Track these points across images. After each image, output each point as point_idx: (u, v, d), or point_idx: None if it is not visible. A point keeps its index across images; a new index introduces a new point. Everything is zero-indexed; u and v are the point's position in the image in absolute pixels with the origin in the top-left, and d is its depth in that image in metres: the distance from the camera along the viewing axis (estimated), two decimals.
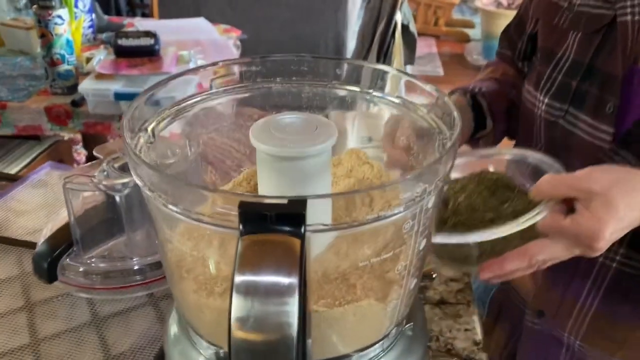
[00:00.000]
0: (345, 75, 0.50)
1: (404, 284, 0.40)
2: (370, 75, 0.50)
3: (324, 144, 0.40)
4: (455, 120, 0.39)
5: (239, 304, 0.30)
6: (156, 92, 0.45)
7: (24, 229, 0.79)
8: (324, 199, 0.38)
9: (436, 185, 0.36)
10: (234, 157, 0.58)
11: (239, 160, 0.58)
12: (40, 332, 0.63)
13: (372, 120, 0.78)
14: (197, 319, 0.42)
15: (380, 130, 1.01)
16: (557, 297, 0.71)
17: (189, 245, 0.38)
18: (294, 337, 0.29)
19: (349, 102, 0.52)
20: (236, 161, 0.58)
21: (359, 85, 0.50)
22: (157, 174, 0.34)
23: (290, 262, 0.30)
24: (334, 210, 0.40)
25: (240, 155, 0.58)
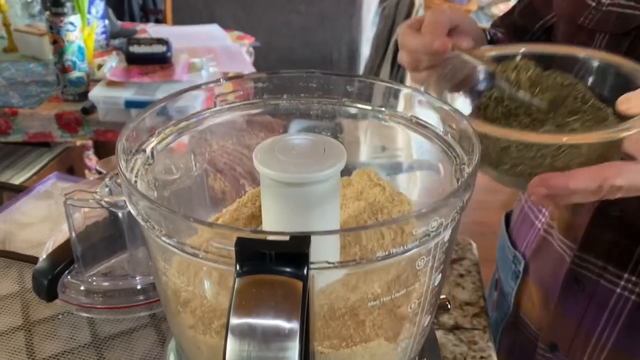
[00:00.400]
0: (356, 93, 0.47)
1: (417, 322, 0.37)
2: (382, 93, 0.47)
3: (332, 169, 0.37)
4: (474, 146, 0.36)
5: (234, 348, 0.27)
6: (156, 110, 0.43)
7: (27, 243, 0.77)
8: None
9: (453, 218, 0.33)
10: (245, 164, 0.56)
11: (250, 167, 0.56)
12: (39, 353, 0.61)
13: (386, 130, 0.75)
14: (193, 354, 0.39)
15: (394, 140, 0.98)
16: (570, 329, 0.68)
17: (183, 279, 0.35)
18: None
19: (360, 119, 0.49)
20: (247, 168, 0.56)
21: (370, 104, 0.48)
22: (150, 204, 0.32)
23: (291, 306, 0.27)
24: (342, 236, 0.37)
25: (250, 163, 0.56)
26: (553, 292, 0.71)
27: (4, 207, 0.84)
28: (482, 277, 0.77)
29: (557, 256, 0.70)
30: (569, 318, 0.67)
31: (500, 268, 0.86)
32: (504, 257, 0.83)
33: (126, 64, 1.54)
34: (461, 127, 0.40)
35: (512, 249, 0.80)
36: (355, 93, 0.48)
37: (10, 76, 1.62)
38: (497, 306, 0.86)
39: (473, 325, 0.69)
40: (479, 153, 0.36)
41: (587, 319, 0.65)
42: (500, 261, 0.85)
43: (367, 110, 0.47)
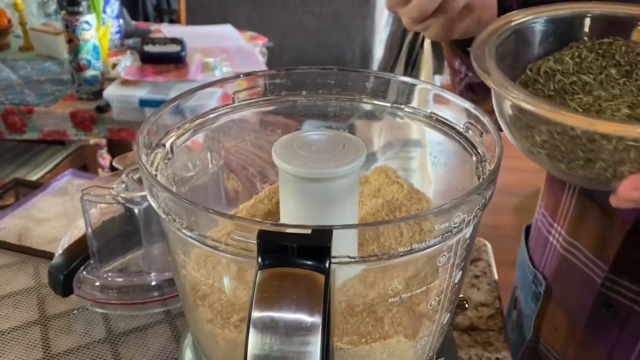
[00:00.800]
0: (373, 89, 0.47)
1: (437, 320, 0.37)
2: (400, 89, 0.47)
3: (351, 165, 0.37)
4: (496, 142, 0.36)
5: (256, 341, 0.27)
6: (177, 104, 0.43)
7: (43, 238, 0.78)
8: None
9: (475, 214, 0.32)
10: (257, 164, 0.56)
11: (262, 167, 0.56)
12: (54, 347, 0.61)
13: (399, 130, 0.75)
14: (210, 348, 0.39)
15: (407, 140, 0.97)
16: (601, 358, 0.61)
17: (203, 272, 0.35)
18: None
19: (378, 116, 0.49)
20: (259, 168, 0.56)
21: (388, 100, 0.47)
22: (172, 197, 0.32)
23: (313, 300, 0.27)
24: (360, 233, 0.37)
25: (263, 163, 0.56)
26: (579, 318, 0.64)
27: (20, 203, 0.85)
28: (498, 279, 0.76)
29: (584, 278, 0.62)
30: (598, 348, 0.61)
31: (519, 286, 0.79)
32: (523, 275, 0.76)
33: (140, 63, 1.55)
34: (482, 123, 0.39)
35: (532, 267, 0.73)
36: (372, 90, 0.48)
37: (26, 74, 1.64)
38: (517, 326, 0.79)
39: (488, 327, 0.68)
40: (501, 149, 0.35)
41: (618, 349, 0.59)
42: (520, 279, 0.78)
43: (385, 107, 0.47)
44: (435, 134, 0.45)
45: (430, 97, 0.44)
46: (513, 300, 0.82)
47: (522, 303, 0.76)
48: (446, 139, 0.44)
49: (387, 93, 0.46)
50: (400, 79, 0.46)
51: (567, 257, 0.65)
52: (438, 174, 0.54)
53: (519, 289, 0.79)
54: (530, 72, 0.44)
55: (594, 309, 0.61)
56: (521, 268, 0.78)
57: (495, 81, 0.37)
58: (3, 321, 0.64)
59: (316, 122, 0.50)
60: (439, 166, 0.51)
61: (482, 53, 0.40)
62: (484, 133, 0.39)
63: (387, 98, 0.46)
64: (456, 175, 0.46)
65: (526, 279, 0.75)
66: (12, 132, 1.48)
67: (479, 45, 0.41)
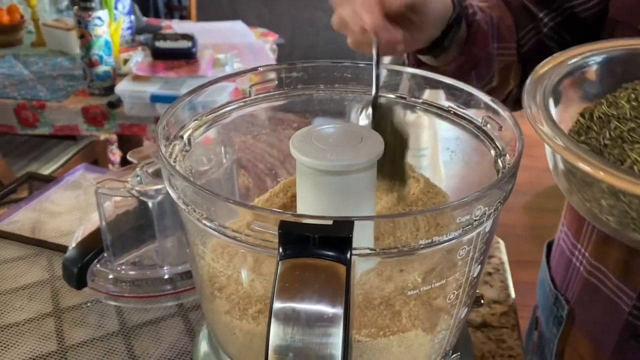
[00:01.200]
0: (391, 83, 0.47)
1: (455, 314, 0.37)
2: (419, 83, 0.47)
3: (370, 158, 0.37)
4: (517, 136, 0.36)
5: (278, 332, 0.27)
6: (193, 98, 0.43)
7: (57, 231, 0.78)
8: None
9: (496, 207, 0.32)
10: (267, 161, 0.56)
11: (272, 164, 0.56)
12: (68, 339, 0.61)
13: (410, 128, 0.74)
14: (227, 340, 0.39)
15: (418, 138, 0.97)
16: None
17: (222, 262, 0.35)
18: None
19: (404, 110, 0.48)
20: (269, 165, 0.56)
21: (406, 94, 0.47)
22: (192, 187, 0.32)
23: (334, 291, 0.27)
24: (376, 226, 0.37)
25: (273, 160, 0.56)
26: (605, 347, 0.61)
27: (33, 197, 0.85)
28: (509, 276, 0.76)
29: (610, 304, 0.59)
30: None
31: (540, 307, 0.74)
32: (544, 296, 0.72)
33: (152, 59, 1.55)
34: (501, 117, 0.39)
35: (553, 288, 0.69)
36: (390, 84, 0.47)
37: (38, 70, 1.65)
38: (538, 349, 0.75)
39: (501, 324, 0.68)
40: (521, 143, 0.35)
41: None
42: (541, 300, 0.74)
43: (402, 101, 0.47)
44: (452, 128, 0.45)
45: (450, 91, 0.44)
46: (534, 321, 0.78)
47: (544, 325, 0.73)
48: (463, 133, 0.43)
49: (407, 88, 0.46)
50: (417, 73, 0.46)
51: (592, 281, 0.61)
52: (453, 168, 0.54)
53: (540, 310, 0.75)
54: (583, 118, 0.41)
55: (622, 338, 0.58)
56: (542, 288, 0.74)
57: (548, 135, 0.34)
58: (18, 313, 0.64)
59: (325, 119, 0.50)
60: (454, 160, 0.51)
61: (533, 97, 0.37)
62: (503, 127, 0.39)
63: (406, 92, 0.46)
64: (473, 170, 0.46)
65: (547, 300, 0.71)
66: (24, 127, 1.49)
67: (529, 88, 0.38)
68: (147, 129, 1.47)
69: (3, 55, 1.73)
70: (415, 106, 0.47)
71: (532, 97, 0.37)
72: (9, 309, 0.65)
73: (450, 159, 0.51)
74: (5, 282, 0.69)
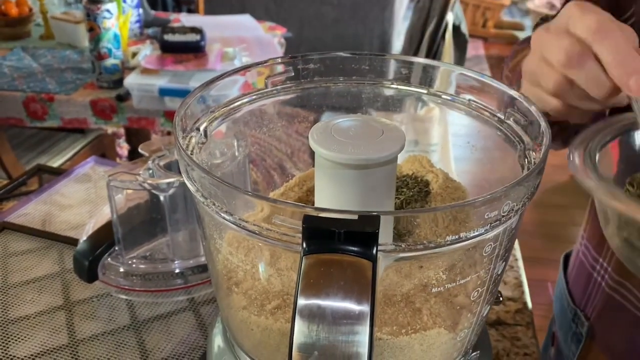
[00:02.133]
0: (414, 76, 0.46)
1: (477, 312, 0.36)
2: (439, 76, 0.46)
3: (392, 151, 0.36)
4: (544, 130, 0.35)
5: (302, 330, 0.26)
6: (208, 90, 0.42)
7: (67, 224, 0.78)
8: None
9: (524, 203, 0.31)
10: (275, 155, 0.55)
11: (280, 159, 0.55)
12: (79, 332, 0.61)
13: (419, 123, 0.73)
14: (243, 335, 0.39)
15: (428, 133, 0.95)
16: None
17: (239, 257, 0.34)
18: None
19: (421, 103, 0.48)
20: (276, 159, 0.55)
21: (426, 87, 0.46)
22: (212, 179, 0.31)
23: (361, 288, 0.26)
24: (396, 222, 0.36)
25: (281, 155, 0.55)
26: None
27: (43, 189, 0.85)
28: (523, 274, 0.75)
29: (634, 322, 0.56)
30: None
31: (557, 323, 0.71)
32: (562, 311, 0.69)
33: (160, 52, 1.55)
34: (526, 110, 0.38)
35: (572, 304, 0.66)
36: (409, 76, 0.46)
37: (46, 63, 1.64)
38: None
39: (516, 321, 0.67)
40: (549, 136, 0.34)
41: None
42: (558, 315, 0.71)
43: (422, 94, 0.46)
44: (472, 122, 0.44)
45: (470, 84, 0.43)
46: (550, 336, 0.75)
47: (561, 342, 0.70)
48: (486, 127, 0.42)
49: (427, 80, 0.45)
50: (442, 67, 0.45)
51: (615, 297, 0.58)
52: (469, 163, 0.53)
53: (556, 325, 0.72)
54: (632, 187, 0.37)
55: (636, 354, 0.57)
56: (559, 302, 0.70)
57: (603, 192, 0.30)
58: (28, 306, 0.64)
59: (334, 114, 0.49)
60: (473, 155, 0.50)
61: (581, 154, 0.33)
62: (528, 121, 0.38)
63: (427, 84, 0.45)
64: (491, 165, 0.45)
65: (565, 315, 0.68)
66: (33, 120, 1.49)
67: (577, 144, 0.34)
68: (156, 123, 1.47)
69: (12, 47, 1.73)
70: (440, 101, 0.46)
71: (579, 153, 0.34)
72: (20, 302, 0.65)
73: (471, 154, 0.50)
74: (16, 275, 0.68)
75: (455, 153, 0.56)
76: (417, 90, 0.46)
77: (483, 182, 0.49)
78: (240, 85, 0.48)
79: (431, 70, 0.46)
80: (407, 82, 0.47)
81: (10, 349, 0.58)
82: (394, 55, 0.47)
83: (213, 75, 0.43)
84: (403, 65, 0.46)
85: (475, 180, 0.49)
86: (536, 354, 0.63)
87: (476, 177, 0.50)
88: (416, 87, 0.46)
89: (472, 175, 0.51)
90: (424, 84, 0.45)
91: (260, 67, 0.44)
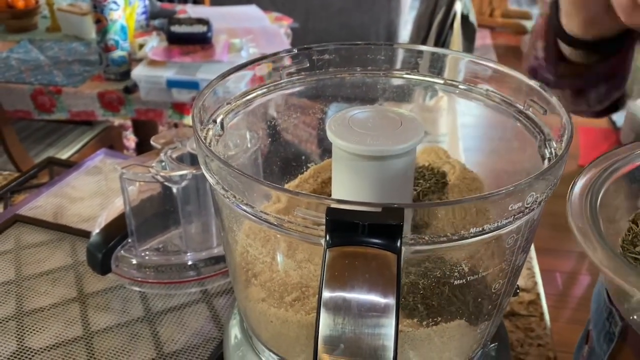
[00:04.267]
0: (429, 66, 0.45)
1: (498, 304, 0.36)
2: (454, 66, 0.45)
3: (411, 142, 0.36)
4: (565, 120, 0.34)
5: (328, 322, 0.26)
6: (225, 81, 0.41)
7: (78, 217, 0.78)
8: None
9: (547, 194, 0.31)
10: (288, 146, 0.55)
11: (293, 151, 0.55)
12: (93, 324, 0.61)
13: (428, 113, 0.73)
14: (262, 327, 0.39)
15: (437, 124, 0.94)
16: None
17: (258, 249, 0.34)
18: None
19: (431, 93, 0.47)
20: (290, 151, 0.55)
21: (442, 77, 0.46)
22: (231, 171, 0.31)
23: (386, 280, 0.26)
24: None
25: (294, 146, 0.55)
26: None
27: (54, 182, 0.85)
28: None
29: None
30: None
31: (593, 321, 0.70)
32: (598, 310, 0.68)
33: (167, 44, 1.54)
34: (546, 101, 0.37)
35: (608, 302, 0.63)
36: (425, 66, 0.46)
37: (53, 55, 1.64)
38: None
39: (529, 312, 0.67)
40: (571, 127, 0.33)
41: None
42: (594, 313, 0.69)
43: (439, 84, 0.45)
44: (491, 112, 0.44)
45: (487, 73, 0.42)
46: (585, 335, 0.72)
47: (595, 340, 0.68)
48: (503, 118, 0.42)
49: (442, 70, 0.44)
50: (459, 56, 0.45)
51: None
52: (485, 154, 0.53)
53: (592, 324, 0.70)
54: (635, 225, 0.37)
55: None
56: (597, 301, 0.69)
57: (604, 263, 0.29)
58: (42, 298, 0.64)
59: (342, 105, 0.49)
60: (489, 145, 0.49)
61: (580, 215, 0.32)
62: (548, 111, 0.38)
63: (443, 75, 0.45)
64: (511, 156, 0.45)
65: (601, 314, 0.66)
66: (41, 112, 1.49)
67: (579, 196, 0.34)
68: (163, 115, 1.47)
69: (19, 40, 1.72)
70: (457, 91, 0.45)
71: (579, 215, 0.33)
72: (34, 294, 0.65)
73: (484, 144, 0.49)
74: (30, 267, 0.69)
75: (468, 144, 0.55)
76: (434, 81, 0.45)
77: (496, 173, 0.48)
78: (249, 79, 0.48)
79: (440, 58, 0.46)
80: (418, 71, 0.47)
81: (26, 341, 0.59)
82: (410, 45, 0.46)
83: (220, 67, 0.43)
84: (419, 55, 0.45)
85: (486, 172, 0.49)
86: (550, 344, 0.63)
87: (487, 168, 0.50)
88: (432, 77, 0.45)
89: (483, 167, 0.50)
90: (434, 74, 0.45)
91: (276, 57, 0.44)
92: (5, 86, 1.48)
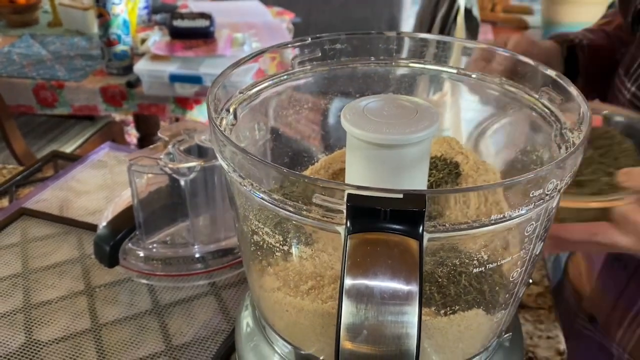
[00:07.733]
0: (438, 55, 0.45)
1: (515, 293, 0.35)
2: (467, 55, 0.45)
3: (428, 130, 0.35)
4: (583, 109, 0.34)
5: (351, 310, 0.26)
6: (236, 71, 0.41)
7: (84, 210, 0.78)
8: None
9: (567, 182, 0.31)
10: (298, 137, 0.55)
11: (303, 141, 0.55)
12: (101, 317, 0.61)
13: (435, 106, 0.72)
14: (276, 316, 0.38)
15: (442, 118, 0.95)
16: (609, 302, 0.67)
17: (279, 238, 0.34)
18: (413, 353, 0.24)
19: (441, 82, 0.47)
20: (300, 142, 0.55)
21: (455, 67, 0.45)
22: (250, 158, 0.30)
23: (409, 267, 0.25)
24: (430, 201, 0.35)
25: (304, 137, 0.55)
26: (597, 266, 0.71)
27: (59, 176, 0.85)
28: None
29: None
30: (609, 292, 0.67)
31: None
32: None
33: (170, 38, 1.53)
34: (562, 89, 0.37)
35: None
36: (437, 55, 0.46)
37: (55, 50, 1.64)
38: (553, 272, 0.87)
39: (538, 305, 0.66)
40: (589, 116, 0.33)
41: (625, 295, 0.65)
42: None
43: (452, 74, 0.45)
44: (503, 101, 0.43)
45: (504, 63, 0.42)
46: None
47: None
48: (517, 106, 0.42)
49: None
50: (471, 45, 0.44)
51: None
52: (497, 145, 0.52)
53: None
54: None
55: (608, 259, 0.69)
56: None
57: None
58: (50, 290, 0.64)
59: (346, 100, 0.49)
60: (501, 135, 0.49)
61: None
62: (564, 99, 0.37)
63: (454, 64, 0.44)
64: (526, 145, 0.44)
65: None
66: (43, 107, 1.49)
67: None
68: (166, 109, 1.46)
69: (20, 35, 1.72)
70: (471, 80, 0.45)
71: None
72: (42, 287, 0.65)
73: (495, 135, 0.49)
74: (36, 260, 0.68)
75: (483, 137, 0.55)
76: (446, 70, 0.45)
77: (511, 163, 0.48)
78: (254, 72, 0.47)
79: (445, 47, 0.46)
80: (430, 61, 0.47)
81: (34, 334, 0.59)
82: (424, 34, 0.46)
83: (223, 61, 0.43)
84: (430, 44, 0.45)
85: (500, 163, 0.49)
86: (559, 337, 0.62)
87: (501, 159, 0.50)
88: (444, 66, 0.45)
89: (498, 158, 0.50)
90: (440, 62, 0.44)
91: (288, 47, 0.44)
92: (7, 81, 1.47)
